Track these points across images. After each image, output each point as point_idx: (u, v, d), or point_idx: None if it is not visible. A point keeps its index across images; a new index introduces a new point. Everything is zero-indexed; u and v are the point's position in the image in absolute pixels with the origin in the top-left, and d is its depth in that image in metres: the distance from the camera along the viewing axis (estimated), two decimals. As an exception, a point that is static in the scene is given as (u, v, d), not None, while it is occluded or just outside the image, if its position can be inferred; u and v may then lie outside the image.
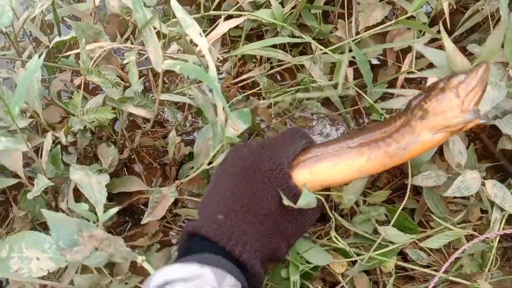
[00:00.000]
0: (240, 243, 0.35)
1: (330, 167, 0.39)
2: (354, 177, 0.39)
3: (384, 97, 0.74)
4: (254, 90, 0.74)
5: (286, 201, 0.37)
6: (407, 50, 0.72)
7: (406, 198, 0.54)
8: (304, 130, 0.47)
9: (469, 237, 0.53)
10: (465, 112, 0.32)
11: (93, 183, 0.47)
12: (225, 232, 0.35)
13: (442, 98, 0.32)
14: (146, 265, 0.38)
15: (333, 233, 0.51)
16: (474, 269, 0.54)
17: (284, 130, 0.45)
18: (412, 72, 0.63)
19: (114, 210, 0.42)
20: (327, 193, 0.40)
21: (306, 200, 0.37)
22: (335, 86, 0.69)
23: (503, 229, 0.53)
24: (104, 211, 0.42)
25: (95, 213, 0.42)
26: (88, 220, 0.38)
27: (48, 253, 0.38)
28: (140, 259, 0.38)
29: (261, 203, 0.38)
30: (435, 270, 0.53)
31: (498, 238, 0.52)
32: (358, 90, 0.64)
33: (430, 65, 0.78)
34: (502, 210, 0.53)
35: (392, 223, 0.53)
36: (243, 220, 0.37)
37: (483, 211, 0.58)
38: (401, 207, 0.53)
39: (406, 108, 0.35)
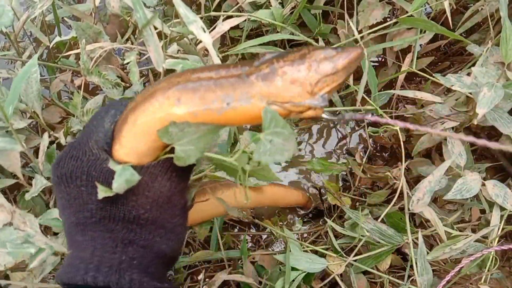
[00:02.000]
0: (92, 269, 0.29)
1: (130, 129, 0.29)
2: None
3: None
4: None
5: (101, 193, 0.29)
6: (407, 50, 0.71)
7: (394, 199, 0.54)
8: (111, 101, 0.38)
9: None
10: (313, 95, 0.26)
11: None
12: (80, 267, 0.29)
13: (298, 66, 0.26)
14: None
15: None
16: (474, 269, 0.54)
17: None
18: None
19: None
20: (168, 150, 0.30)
21: (121, 179, 0.29)
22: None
23: (503, 228, 0.53)
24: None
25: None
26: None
27: (8, 248, 0.38)
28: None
29: (89, 209, 0.30)
30: (434, 270, 0.53)
31: (497, 238, 0.52)
32: (365, 96, 0.63)
33: (430, 65, 0.78)
34: (502, 209, 0.53)
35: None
36: (83, 241, 0.30)
37: (481, 211, 0.58)
38: (388, 209, 0.53)
39: (255, 59, 0.27)
